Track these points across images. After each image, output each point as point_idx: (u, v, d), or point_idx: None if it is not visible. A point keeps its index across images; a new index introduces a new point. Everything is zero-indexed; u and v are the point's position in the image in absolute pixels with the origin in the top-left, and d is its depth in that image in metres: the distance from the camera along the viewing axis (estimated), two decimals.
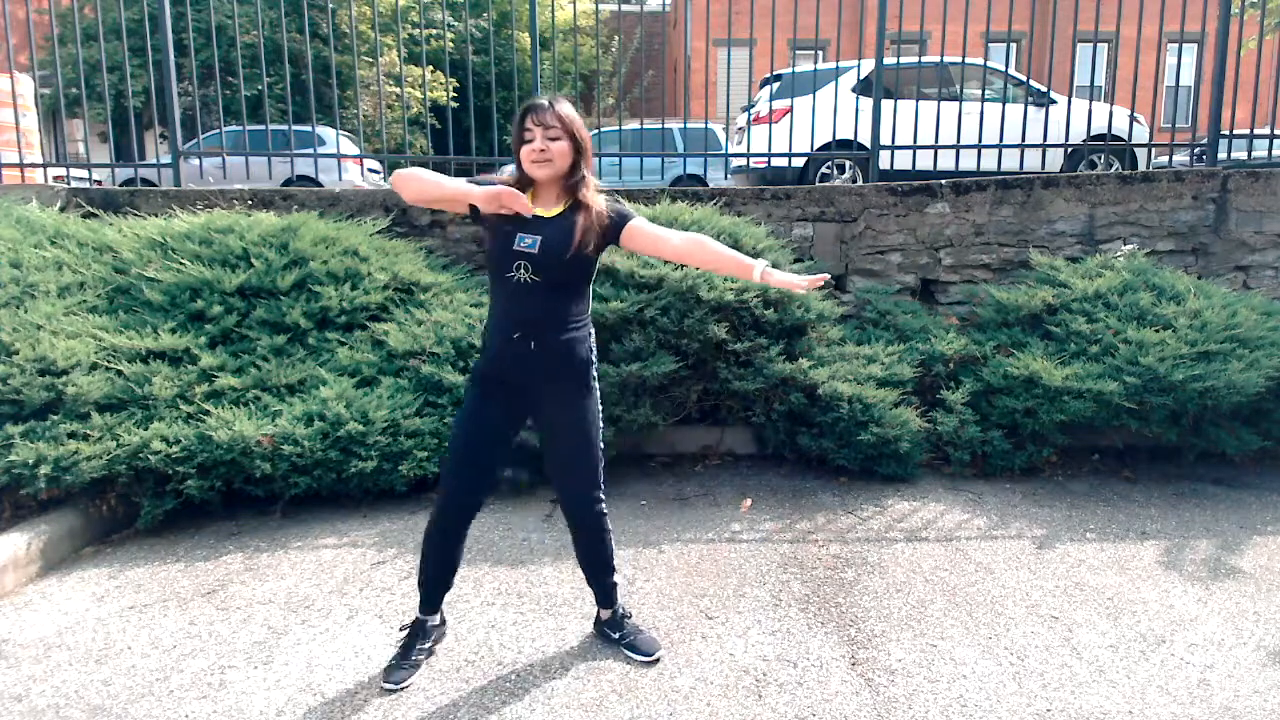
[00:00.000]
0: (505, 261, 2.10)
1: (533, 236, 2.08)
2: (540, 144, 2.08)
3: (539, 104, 2.09)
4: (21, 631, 2.56)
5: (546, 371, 2.17)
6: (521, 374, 2.17)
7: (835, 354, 4.01)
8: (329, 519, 3.44)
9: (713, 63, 13.91)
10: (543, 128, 2.08)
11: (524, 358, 2.14)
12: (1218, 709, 2.15)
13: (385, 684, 2.23)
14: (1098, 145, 6.52)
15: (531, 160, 2.10)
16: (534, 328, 2.13)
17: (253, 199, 4.62)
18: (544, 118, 2.08)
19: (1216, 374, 3.67)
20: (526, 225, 2.10)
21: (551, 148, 2.09)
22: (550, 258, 2.09)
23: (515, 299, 2.12)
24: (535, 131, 2.08)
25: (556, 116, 2.08)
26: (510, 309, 2.14)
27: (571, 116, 2.11)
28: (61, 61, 7.19)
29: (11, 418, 3.23)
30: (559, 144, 2.09)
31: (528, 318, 2.13)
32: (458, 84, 14.08)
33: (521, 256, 2.08)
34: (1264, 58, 7.50)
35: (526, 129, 2.10)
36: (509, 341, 2.14)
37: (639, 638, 2.42)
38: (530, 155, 2.10)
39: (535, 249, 2.08)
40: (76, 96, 12.90)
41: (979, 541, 3.24)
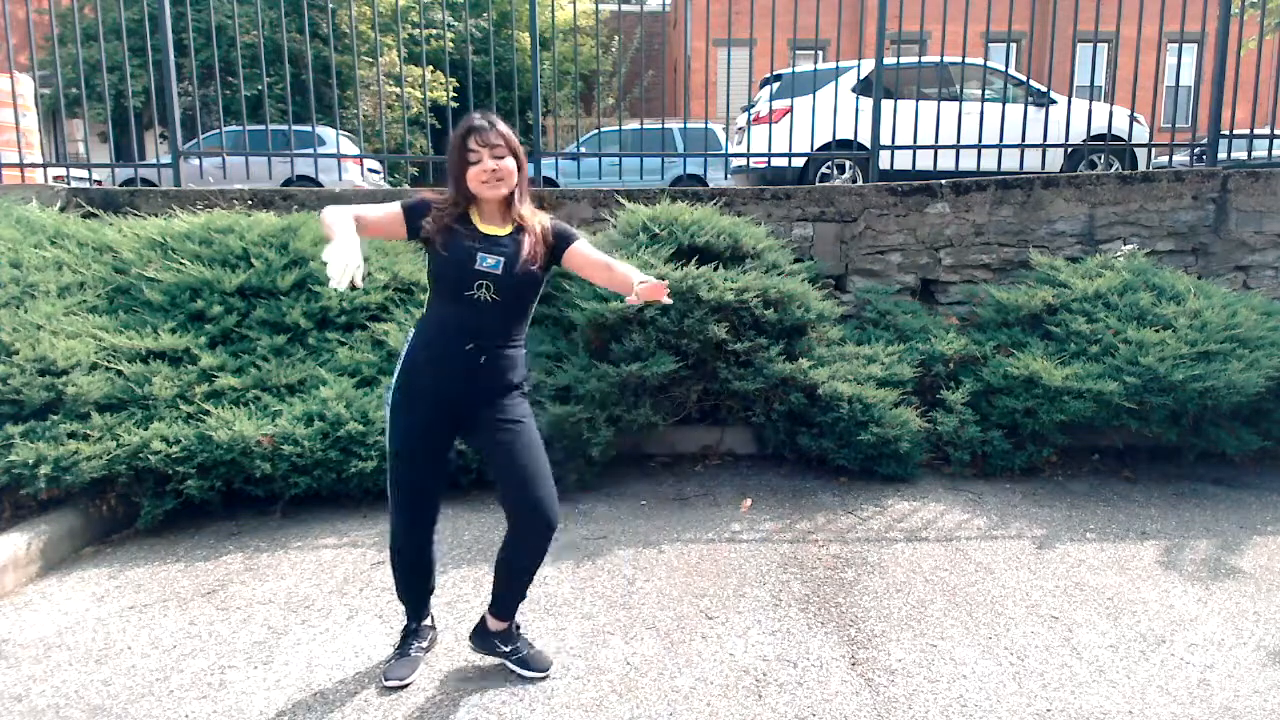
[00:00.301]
0: (465, 280, 2.07)
1: (495, 256, 2.08)
2: (490, 164, 2.07)
3: (479, 124, 2.07)
4: (21, 631, 2.56)
5: (493, 384, 2.15)
6: (464, 386, 2.13)
7: (835, 354, 4.01)
8: (329, 519, 3.44)
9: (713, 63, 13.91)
10: (488, 148, 2.06)
11: (473, 370, 2.11)
12: (1218, 709, 2.15)
13: (385, 682, 2.24)
14: (1098, 145, 6.52)
15: (482, 181, 2.08)
16: (487, 342, 2.11)
17: (253, 199, 4.62)
18: (488, 137, 2.06)
19: (1216, 374, 3.67)
20: (485, 244, 2.09)
21: (502, 166, 2.08)
22: (513, 279, 2.09)
23: (472, 314, 2.09)
24: (482, 153, 2.06)
25: (500, 135, 2.08)
26: (465, 323, 2.10)
27: (510, 134, 2.11)
28: (61, 61, 7.19)
29: (11, 418, 3.23)
30: (506, 162, 2.09)
31: (482, 332, 2.11)
32: (458, 84, 14.08)
33: (484, 276, 2.07)
34: (1264, 58, 7.50)
35: (471, 150, 2.06)
36: (459, 353, 2.10)
37: (533, 653, 2.31)
38: (481, 176, 2.07)
39: (499, 269, 2.07)
40: (76, 96, 12.89)
41: (979, 541, 3.24)
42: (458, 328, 2.11)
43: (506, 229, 2.15)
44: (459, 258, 2.07)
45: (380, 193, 4.83)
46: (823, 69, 7.19)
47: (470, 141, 2.06)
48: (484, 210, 2.16)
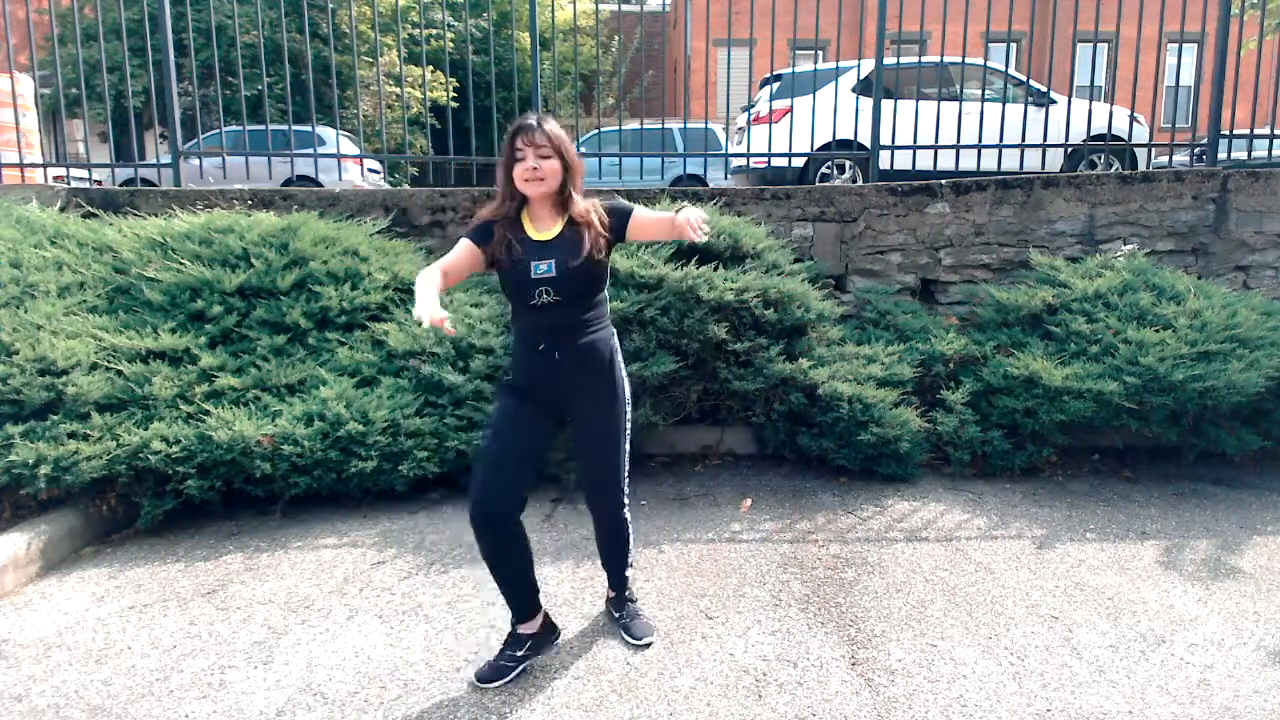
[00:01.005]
0: (527, 291, 2.15)
1: (546, 261, 2.15)
2: (532, 163, 2.13)
3: (528, 124, 2.15)
4: (21, 631, 2.56)
5: (572, 377, 2.24)
6: (548, 383, 2.25)
7: (835, 354, 4.01)
8: (329, 519, 3.44)
9: (713, 63, 13.92)
10: (533, 147, 2.13)
11: (550, 367, 2.22)
12: (1218, 709, 2.15)
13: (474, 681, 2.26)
14: (1098, 145, 6.52)
15: (524, 179, 2.15)
16: (556, 338, 2.20)
17: (253, 199, 4.62)
18: (534, 137, 2.13)
19: (1216, 374, 3.67)
20: (534, 251, 2.17)
21: (544, 166, 2.14)
22: (568, 278, 2.16)
23: (538, 316, 2.19)
24: (526, 151, 2.14)
25: (546, 136, 2.14)
26: (534, 325, 2.22)
27: (560, 135, 2.17)
28: (61, 61, 7.19)
29: (11, 418, 3.23)
30: (550, 162, 2.15)
31: (551, 331, 2.20)
32: (458, 84, 14.08)
33: (542, 284, 2.14)
34: (1264, 58, 7.50)
35: (518, 149, 2.14)
36: (533, 353, 2.22)
37: (635, 622, 2.51)
38: (523, 174, 2.14)
39: (553, 272, 2.14)
40: (76, 96, 12.90)
41: (979, 541, 3.24)
42: (528, 329, 2.23)
43: (555, 229, 2.21)
44: (515, 270, 2.16)
45: (381, 192, 4.82)
46: (823, 69, 7.19)
47: (518, 140, 2.15)
48: (533, 210, 2.23)
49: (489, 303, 4.10)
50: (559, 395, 2.28)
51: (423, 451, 3.49)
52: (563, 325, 2.20)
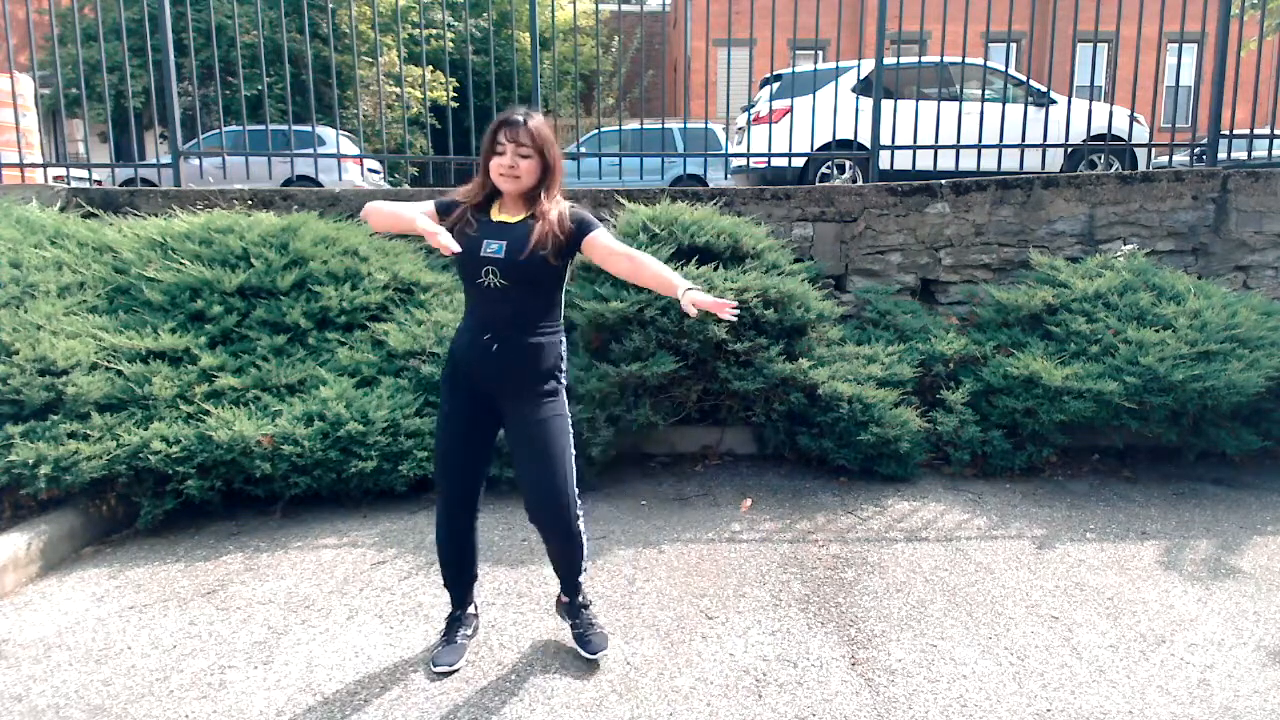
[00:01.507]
0: (474, 267, 2.14)
1: (498, 242, 2.13)
2: (510, 160, 2.12)
3: (514, 119, 2.13)
4: (21, 631, 2.56)
5: (510, 374, 2.20)
6: (486, 375, 2.21)
7: (835, 354, 4.01)
8: (329, 519, 3.44)
9: (713, 63, 13.91)
10: (515, 144, 2.12)
11: (488, 359, 2.18)
12: (1218, 709, 2.15)
13: (434, 668, 2.30)
14: (1098, 145, 6.52)
15: (499, 174, 2.15)
16: (499, 330, 2.17)
17: (253, 199, 4.62)
18: (517, 134, 2.11)
19: (1216, 374, 3.67)
20: (491, 231, 2.16)
21: (520, 165, 2.13)
22: (517, 262, 2.13)
23: (485, 302, 2.18)
24: (507, 147, 2.12)
25: (529, 134, 2.11)
26: (479, 312, 2.20)
27: (544, 135, 2.14)
28: (61, 61, 7.19)
29: (11, 418, 3.23)
30: (528, 161, 2.13)
31: (495, 320, 2.17)
32: (458, 84, 14.08)
33: (488, 262, 2.13)
34: (1264, 58, 7.50)
35: (499, 143, 2.13)
36: (475, 343, 2.19)
37: (590, 632, 2.40)
38: (499, 169, 2.14)
39: (501, 254, 2.13)
40: (76, 96, 12.89)
41: (979, 541, 3.24)
42: (477, 318, 2.21)
43: (520, 216, 2.19)
44: (467, 245, 2.13)
45: (380, 192, 4.83)
46: (823, 69, 7.19)
47: (500, 134, 2.13)
48: (505, 202, 2.22)
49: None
50: (494, 395, 2.24)
51: (423, 451, 3.49)
52: (508, 317, 2.17)
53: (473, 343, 2.20)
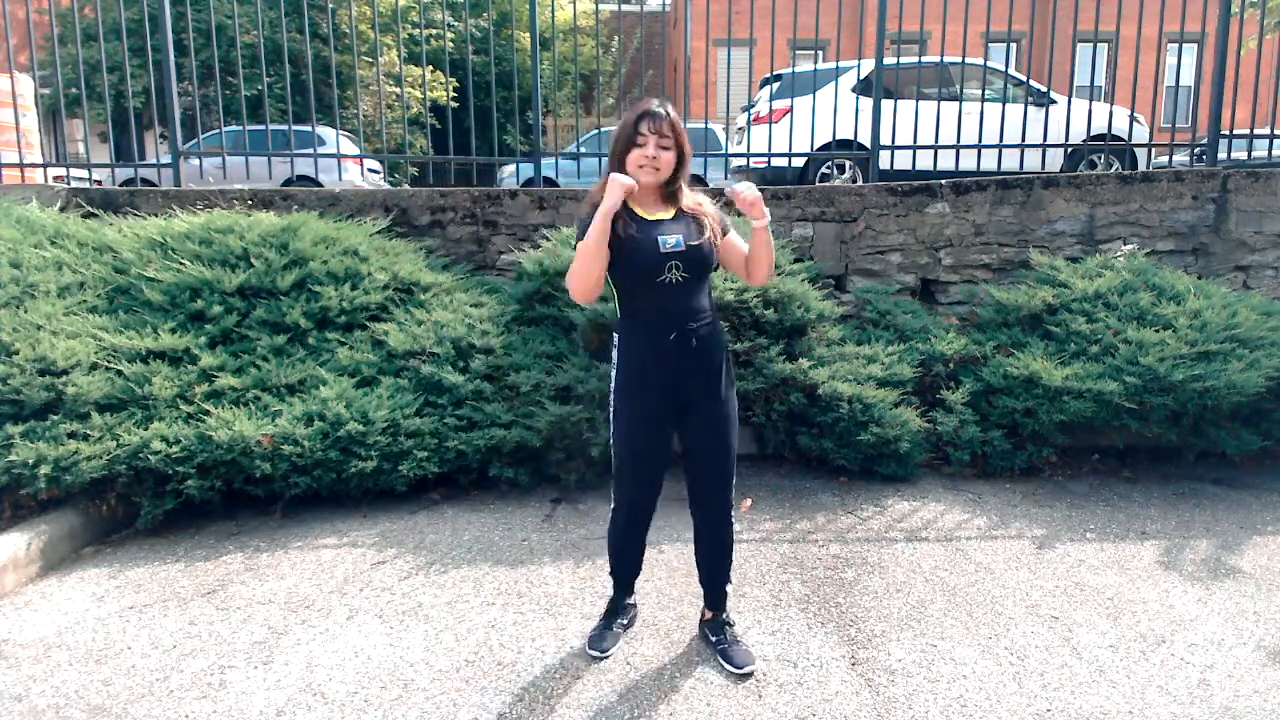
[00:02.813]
0: (656, 266, 2.12)
1: (674, 236, 2.13)
2: (652, 151, 2.12)
3: (655, 111, 2.12)
4: (21, 631, 2.56)
5: (702, 367, 2.20)
6: (680, 373, 2.19)
7: (835, 354, 4.01)
8: (329, 519, 3.44)
9: (713, 63, 13.90)
10: (657, 135, 2.11)
11: (686, 356, 2.17)
12: (1218, 709, 2.15)
13: (590, 650, 2.36)
14: (1098, 145, 6.52)
15: (639, 165, 2.13)
16: (690, 325, 2.16)
17: (253, 199, 4.62)
18: (660, 126, 2.11)
19: (1216, 374, 3.67)
20: (656, 228, 2.15)
21: (662, 157, 2.13)
22: (696, 253, 2.14)
23: (663, 299, 2.15)
24: (649, 139, 2.12)
25: (671, 126, 2.12)
26: (658, 309, 2.16)
27: (682, 128, 2.16)
28: (61, 61, 7.19)
29: (11, 418, 3.23)
30: (668, 154, 2.14)
31: (678, 316, 2.16)
32: (458, 84, 14.07)
33: (673, 257, 2.12)
34: (1264, 58, 7.50)
35: (640, 134, 2.12)
36: (663, 342, 2.16)
37: (735, 648, 2.36)
38: (639, 160, 2.13)
39: (682, 246, 2.12)
40: (76, 96, 12.89)
41: (979, 541, 3.24)
42: (655, 316, 2.17)
43: (669, 213, 2.20)
44: (641, 244, 2.12)
45: (381, 192, 4.82)
46: (823, 69, 7.19)
47: (642, 125, 2.12)
48: (639, 197, 2.20)
49: (489, 303, 4.10)
50: (680, 391, 2.21)
51: (423, 451, 3.49)
52: (694, 310, 2.17)
53: (659, 342, 2.17)
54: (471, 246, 4.74)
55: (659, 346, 2.17)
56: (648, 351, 2.19)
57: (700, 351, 2.19)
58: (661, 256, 2.11)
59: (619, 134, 2.16)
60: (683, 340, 2.16)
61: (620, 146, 2.15)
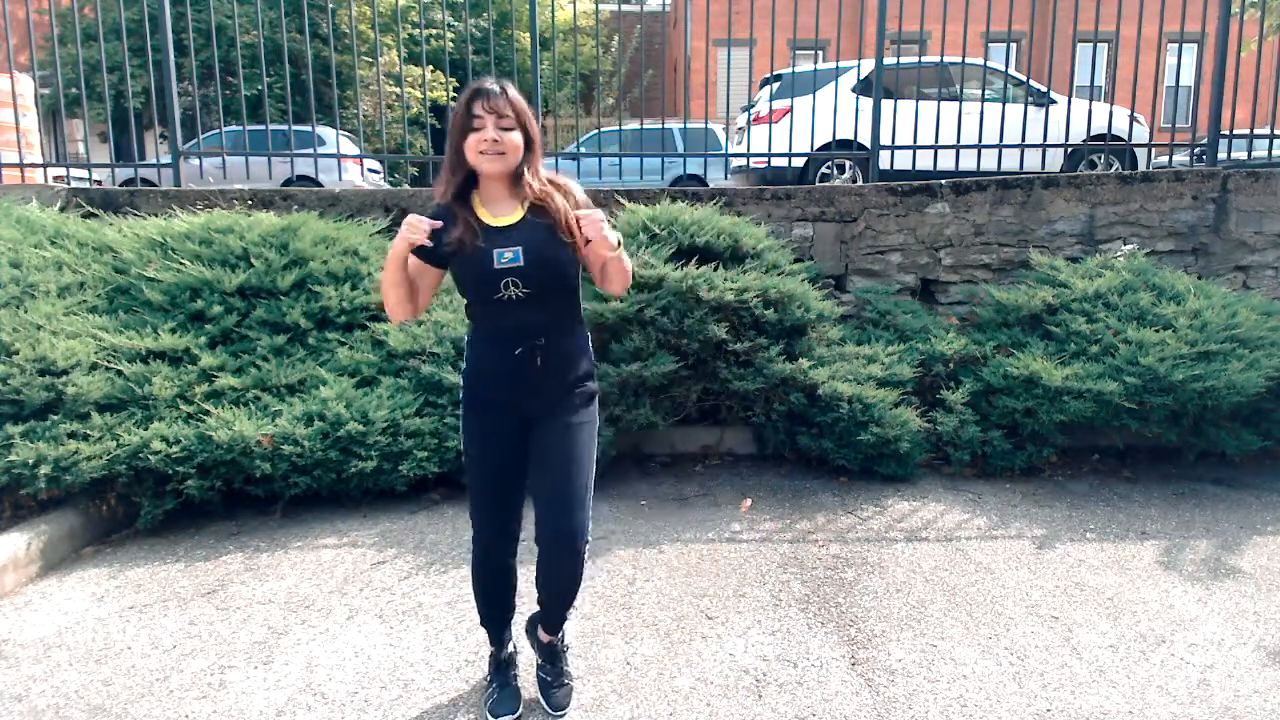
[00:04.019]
0: (489, 284, 1.86)
1: (512, 249, 1.85)
2: (492, 133, 1.82)
3: (489, 88, 1.83)
4: (21, 631, 2.56)
5: (550, 385, 1.96)
6: (524, 392, 1.95)
7: (835, 354, 4.01)
8: (329, 519, 3.44)
9: (713, 63, 13.90)
10: (495, 115, 1.82)
11: (526, 373, 1.93)
12: (1218, 709, 2.15)
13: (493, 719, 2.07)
14: (1098, 145, 6.52)
15: (480, 151, 1.83)
16: (532, 340, 1.91)
17: (253, 199, 4.62)
18: (496, 104, 1.82)
19: (1216, 374, 3.67)
20: (495, 239, 1.86)
21: (505, 139, 1.83)
22: (538, 266, 1.87)
23: (506, 315, 1.90)
24: (486, 120, 1.82)
25: (509, 103, 1.83)
26: (501, 325, 1.92)
27: (524, 106, 1.87)
28: (61, 61, 7.19)
29: (11, 418, 3.23)
30: (512, 135, 1.84)
31: (524, 331, 1.91)
32: (458, 84, 14.07)
33: (508, 274, 1.85)
34: (1264, 58, 7.50)
35: (475, 115, 1.82)
36: (505, 360, 1.93)
37: (558, 688, 2.14)
38: (479, 145, 1.83)
39: (520, 261, 1.85)
40: (76, 96, 12.89)
41: (979, 541, 3.24)
42: (500, 332, 1.93)
43: (515, 215, 1.91)
44: (473, 262, 1.86)
45: (381, 192, 4.82)
46: (823, 69, 7.19)
47: (475, 106, 1.83)
48: (487, 192, 1.92)
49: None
50: (527, 409, 1.97)
51: (423, 451, 3.49)
52: (540, 326, 1.91)
53: (502, 360, 1.93)
54: None
55: (503, 361, 1.93)
56: (492, 364, 1.95)
57: (548, 369, 1.93)
58: (495, 273, 1.84)
59: (453, 120, 1.86)
60: (528, 355, 1.91)
61: (456, 133, 1.85)
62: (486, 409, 1.99)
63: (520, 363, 1.92)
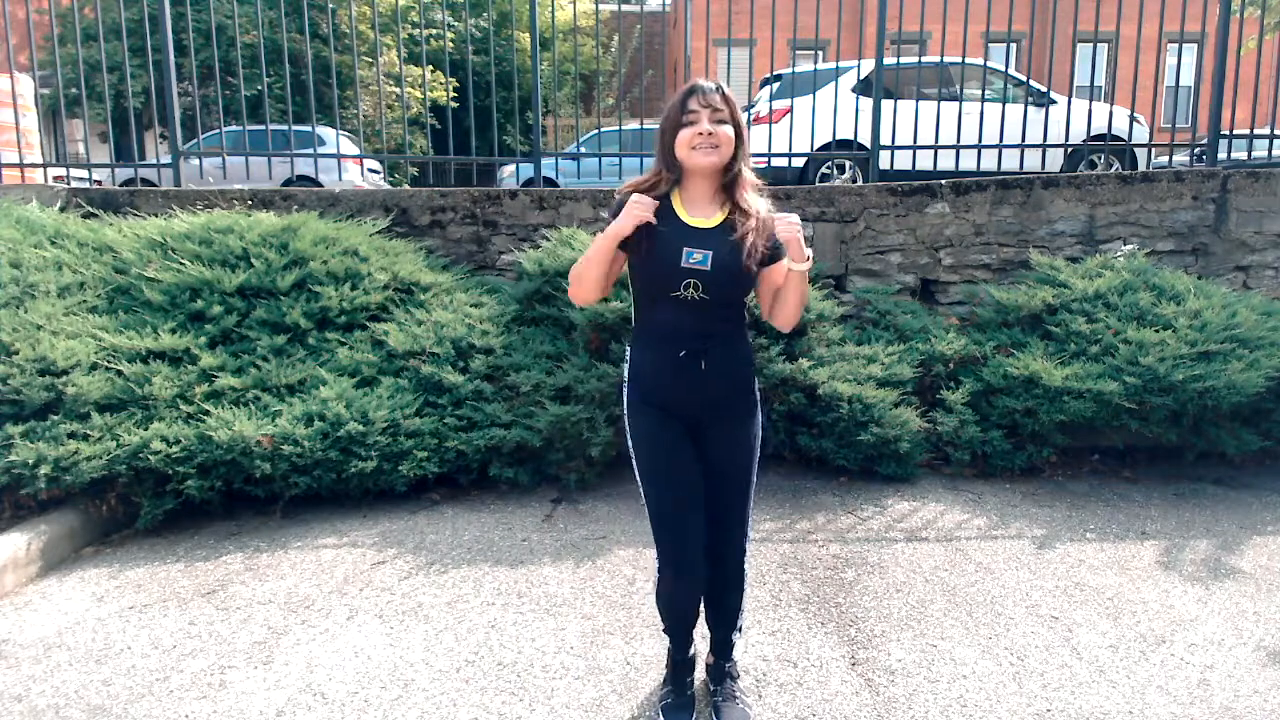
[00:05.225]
0: (671, 280, 1.85)
1: (703, 251, 1.84)
2: (708, 125, 1.82)
3: (704, 85, 1.84)
4: (21, 631, 2.56)
5: (715, 394, 1.95)
6: (689, 396, 1.94)
7: (835, 354, 4.01)
8: (329, 519, 3.44)
9: (713, 63, 13.90)
10: (710, 109, 1.83)
11: (693, 378, 1.91)
12: (1218, 709, 2.15)
13: None
14: (1098, 145, 6.52)
15: (693, 146, 1.83)
16: (703, 346, 1.89)
17: (253, 199, 4.62)
18: (711, 99, 1.83)
19: (1216, 374, 3.67)
20: (687, 236, 1.86)
21: (719, 132, 1.83)
22: (723, 275, 1.85)
23: (681, 316, 1.88)
24: (701, 114, 1.82)
25: (724, 99, 1.84)
26: (678, 327, 1.89)
27: (736, 102, 1.87)
28: (61, 61, 7.19)
29: (11, 418, 3.23)
30: (725, 128, 1.84)
31: (696, 336, 1.89)
32: (458, 84, 14.07)
33: (692, 275, 1.84)
34: (1264, 58, 7.50)
35: (690, 110, 1.83)
36: (674, 360, 1.90)
37: (730, 706, 2.08)
38: (693, 140, 1.83)
39: (707, 264, 1.83)
40: (76, 96, 12.88)
41: (979, 541, 3.24)
42: (670, 330, 1.90)
43: (715, 219, 1.90)
44: (661, 253, 1.85)
45: (381, 193, 4.82)
46: (823, 69, 7.19)
47: (691, 101, 1.83)
48: (690, 191, 1.92)
49: (489, 303, 4.10)
50: (692, 417, 1.96)
51: (423, 451, 3.49)
52: (710, 332, 1.90)
53: (667, 360, 1.91)
54: (471, 246, 4.74)
55: (667, 362, 1.91)
56: (657, 366, 1.94)
57: (711, 374, 1.92)
58: (680, 271, 1.84)
59: (666, 117, 1.87)
60: (692, 358, 1.89)
61: (669, 130, 1.86)
62: (655, 412, 1.97)
63: (685, 365, 1.90)
